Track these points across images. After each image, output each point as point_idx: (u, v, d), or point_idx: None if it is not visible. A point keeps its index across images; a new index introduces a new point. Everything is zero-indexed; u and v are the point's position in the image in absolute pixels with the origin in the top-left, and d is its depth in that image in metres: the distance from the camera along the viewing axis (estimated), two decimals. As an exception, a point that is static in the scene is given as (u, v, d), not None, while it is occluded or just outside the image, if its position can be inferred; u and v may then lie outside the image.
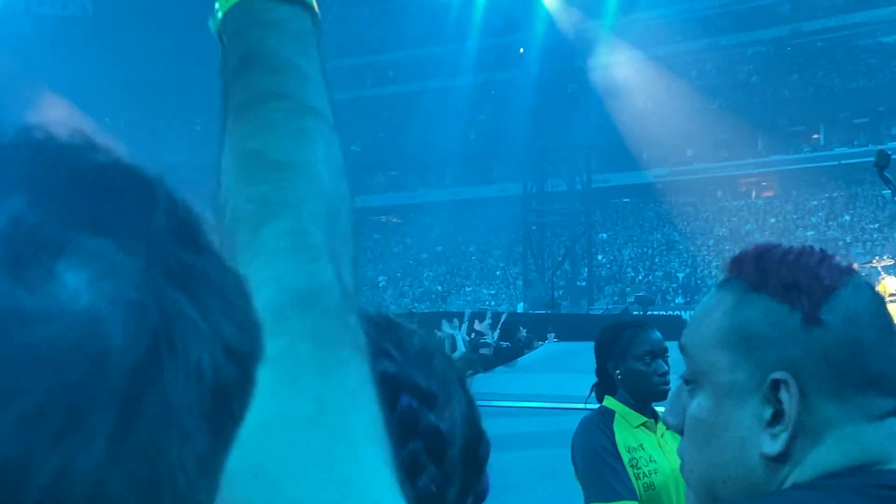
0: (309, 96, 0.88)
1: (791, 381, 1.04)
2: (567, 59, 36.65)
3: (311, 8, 0.93)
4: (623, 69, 42.75)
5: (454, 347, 13.93)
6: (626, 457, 3.44)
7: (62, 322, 0.38)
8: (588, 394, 3.68)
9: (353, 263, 0.78)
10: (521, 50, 40.91)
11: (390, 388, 0.88)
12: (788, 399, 1.04)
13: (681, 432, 1.16)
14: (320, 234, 0.76)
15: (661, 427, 3.55)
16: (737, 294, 1.10)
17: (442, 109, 45.75)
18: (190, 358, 0.41)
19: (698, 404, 1.12)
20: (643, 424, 3.53)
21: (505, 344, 15.48)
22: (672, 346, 3.60)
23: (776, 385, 1.05)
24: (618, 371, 3.55)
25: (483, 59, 45.27)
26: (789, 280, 1.07)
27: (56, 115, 46.29)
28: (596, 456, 3.45)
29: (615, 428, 3.51)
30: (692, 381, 1.13)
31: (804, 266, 1.08)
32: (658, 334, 3.58)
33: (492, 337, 15.69)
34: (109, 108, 50.09)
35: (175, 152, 51.66)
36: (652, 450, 3.49)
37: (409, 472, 0.84)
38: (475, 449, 0.99)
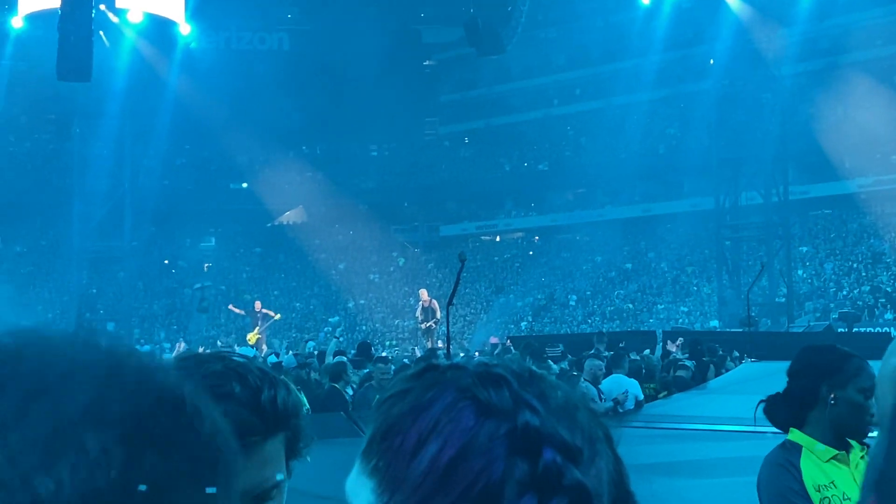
0: None
1: None
2: (759, 67, 35.48)
3: None
4: (818, 76, 41.02)
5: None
6: (815, 497, 3.14)
7: None
8: (755, 410, 3.37)
9: None
10: (712, 61, 39.89)
11: (532, 442, 0.85)
12: None
13: None
14: None
15: (854, 457, 3.22)
16: None
17: (629, 124, 45.18)
18: None
19: (875, 449, 1.02)
20: (835, 458, 3.22)
21: (693, 363, 14.99)
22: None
23: None
24: (832, 396, 3.24)
25: (670, 72, 44.42)
26: None
27: (254, 143, 48.39)
28: (783, 499, 3.17)
29: (802, 465, 3.20)
30: (876, 424, 1.03)
31: None
32: None
33: (682, 356, 15.25)
34: (306, 137, 51.99)
35: (368, 178, 53.11)
36: (845, 486, 3.16)
37: None
38: None
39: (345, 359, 15.02)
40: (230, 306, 28.31)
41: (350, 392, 13.32)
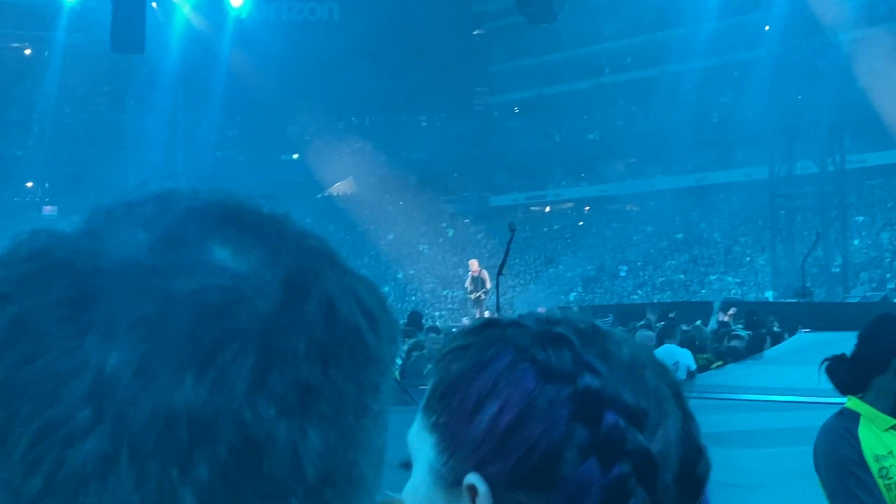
0: None
1: None
2: (815, 34, 34.84)
3: None
4: (875, 42, 40.17)
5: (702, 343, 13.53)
6: (874, 467, 3.09)
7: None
8: (819, 368, 3.31)
9: None
10: (767, 27, 39.23)
11: (593, 406, 0.84)
12: None
13: None
14: None
15: None
16: None
17: (681, 93, 44.60)
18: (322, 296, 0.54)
19: None
20: (893, 427, 3.16)
21: (747, 333, 14.86)
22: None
23: None
24: None
25: (724, 39, 43.72)
26: None
27: (304, 114, 48.58)
28: (841, 468, 3.12)
29: (860, 434, 3.15)
30: None
31: None
32: None
33: (736, 327, 15.14)
34: (355, 108, 52.06)
35: (417, 149, 53.09)
36: None
37: (615, 498, 0.82)
38: (692, 470, 0.89)
39: (395, 328, 15.10)
40: None
41: (399, 361, 13.39)
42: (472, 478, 0.84)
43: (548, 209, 52.60)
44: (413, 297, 44.35)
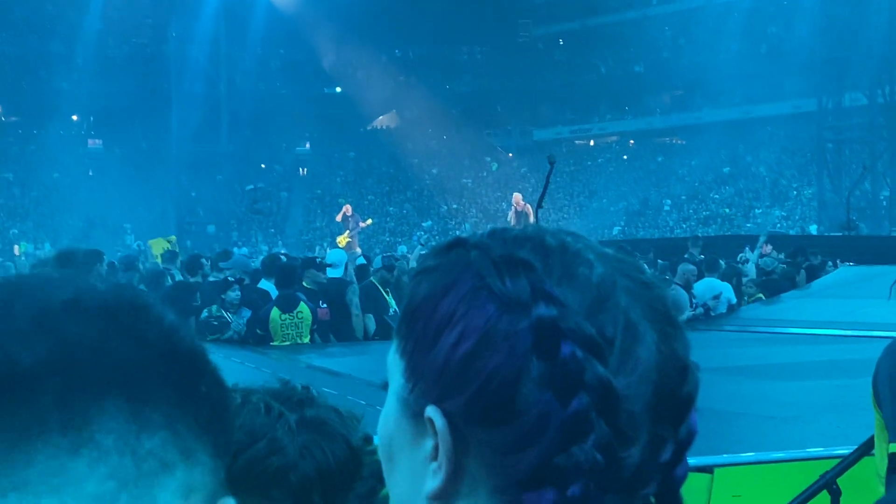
0: None
1: None
2: (868, -38, 33.97)
3: None
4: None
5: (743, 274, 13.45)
6: None
7: None
8: (891, 287, 3.30)
9: None
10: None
11: (549, 337, 0.79)
12: None
13: None
14: None
15: None
16: None
17: (729, 24, 43.76)
18: None
19: None
20: None
21: (782, 266, 14.76)
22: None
23: None
24: None
25: (774, -32, 42.79)
26: None
27: (347, 47, 48.31)
28: None
29: None
30: None
31: None
32: None
33: (776, 261, 15.04)
34: (398, 40, 51.68)
35: (461, 82, 52.70)
36: None
37: (575, 432, 0.78)
38: (673, 392, 0.83)
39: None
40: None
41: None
42: (430, 411, 0.83)
43: (592, 142, 52.17)
44: (456, 232, 44.35)
